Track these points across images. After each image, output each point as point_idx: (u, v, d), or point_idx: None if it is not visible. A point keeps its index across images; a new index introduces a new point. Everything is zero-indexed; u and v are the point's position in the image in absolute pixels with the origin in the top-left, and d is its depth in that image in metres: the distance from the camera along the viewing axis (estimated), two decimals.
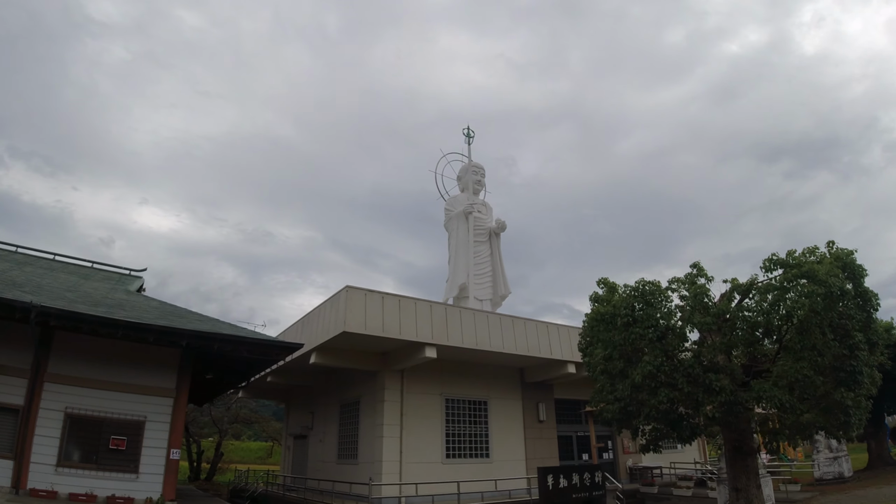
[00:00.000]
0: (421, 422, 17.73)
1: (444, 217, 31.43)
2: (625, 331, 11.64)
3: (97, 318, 11.47)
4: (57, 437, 12.56)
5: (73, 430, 12.76)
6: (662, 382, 11.05)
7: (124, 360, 13.59)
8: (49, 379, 12.75)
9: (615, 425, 13.36)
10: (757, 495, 12.16)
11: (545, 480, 12.74)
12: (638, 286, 11.98)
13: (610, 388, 12.50)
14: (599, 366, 12.56)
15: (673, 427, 11.93)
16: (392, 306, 15.72)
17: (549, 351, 19.16)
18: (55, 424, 12.61)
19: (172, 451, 13.55)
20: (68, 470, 12.48)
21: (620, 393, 11.92)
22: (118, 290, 15.95)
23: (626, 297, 12.02)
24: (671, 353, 11.38)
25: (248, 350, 13.06)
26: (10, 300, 10.96)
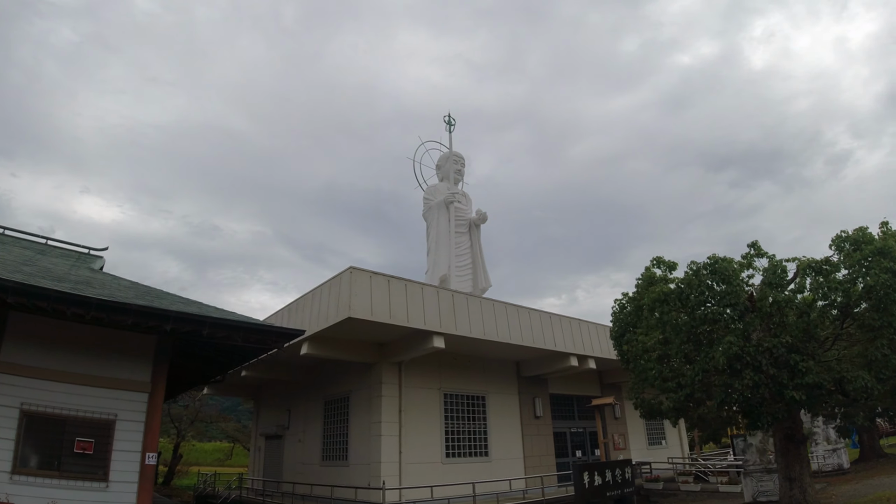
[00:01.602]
0: (420, 418, 16.45)
1: (423, 206, 30.20)
2: (698, 309, 10.89)
3: (65, 295, 9.67)
4: (11, 440, 10.58)
5: (30, 430, 10.81)
6: (747, 364, 10.32)
7: (91, 347, 11.71)
8: (1, 369, 10.77)
9: (671, 416, 12.60)
10: (811, 484, 11.77)
11: (581, 478, 12.05)
12: (711, 263, 11.18)
13: (670, 373, 11.69)
14: (656, 350, 11.80)
15: (747, 414, 11.23)
16: (398, 291, 14.38)
17: (553, 343, 18.29)
18: (9, 424, 10.61)
19: (148, 455, 11.76)
20: (25, 478, 10.53)
21: (688, 378, 11.14)
22: (81, 267, 13.93)
23: (695, 275, 11.22)
24: (750, 334, 10.73)
25: (244, 337, 11.47)
26: None
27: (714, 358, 10.73)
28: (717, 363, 10.61)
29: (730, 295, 10.95)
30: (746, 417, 11.45)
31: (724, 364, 10.53)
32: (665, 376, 11.98)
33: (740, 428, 13.13)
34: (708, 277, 11.28)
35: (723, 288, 11.03)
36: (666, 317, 11.73)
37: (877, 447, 22.74)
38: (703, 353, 11.20)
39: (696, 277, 11.30)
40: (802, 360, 10.23)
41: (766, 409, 10.90)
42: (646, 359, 12.58)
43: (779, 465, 12.53)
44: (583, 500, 12.09)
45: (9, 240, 15.19)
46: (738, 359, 10.45)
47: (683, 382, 11.46)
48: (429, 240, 28.82)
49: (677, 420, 13.45)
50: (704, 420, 12.34)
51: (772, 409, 10.90)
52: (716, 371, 10.96)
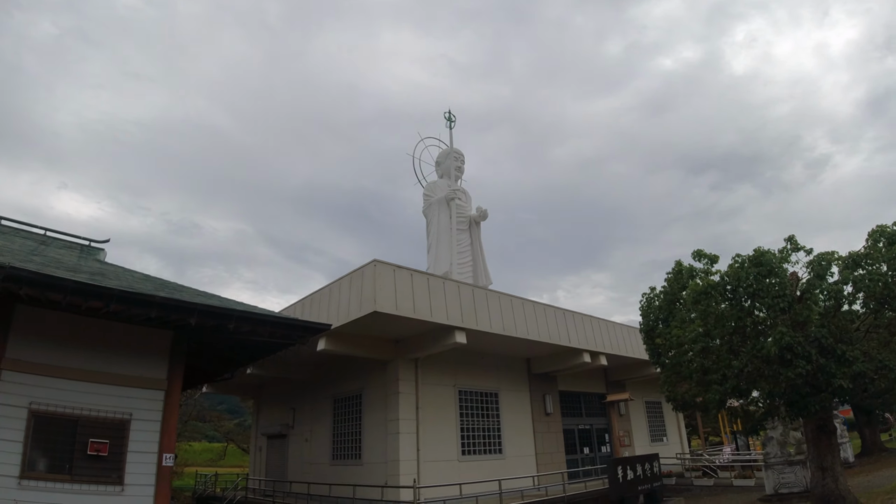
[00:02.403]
0: (436, 416, 15.83)
1: (423, 203, 29.58)
2: (746, 301, 10.75)
3: (85, 287, 8.85)
4: (19, 442, 9.69)
5: (40, 431, 9.93)
6: (798, 354, 10.19)
7: (103, 343, 10.87)
8: (8, 366, 9.84)
9: (712, 409, 12.39)
10: (842, 472, 11.69)
11: (616, 472, 12.06)
12: (756, 256, 11.03)
13: (713, 365, 11.49)
14: (698, 343, 11.58)
15: (792, 403, 11.05)
16: (421, 285, 13.75)
17: (568, 339, 17.85)
18: (17, 425, 9.73)
19: (165, 457, 10.96)
20: (35, 483, 9.66)
21: (735, 369, 11.01)
22: (88, 259, 13.02)
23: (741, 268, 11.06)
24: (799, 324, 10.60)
25: (270, 331, 10.75)
26: None
27: (765, 348, 10.63)
28: (769, 353, 10.50)
29: (778, 286, 10.86)
30: (792, 407, 11.30)
31: (775, 353, 10.43)
32: (708, 368, 11.78)
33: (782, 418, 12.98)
34: (753, 270, 11.11)
35: (771, 280, 10.92)
36: (710, 309, 11.54)
37: (878, 441, 22.86)
38: (750, 345, 11.08)
39: (742, 270, 11.13)
40: (849, 349, 10.22)
41: (813, 398, 10.73)
42: (682, 351, 12.40)
43: (811, 455, 12.44)
44: (617, 494, 12.10)
45: (7, 230, 14.15)
46: (790, 349, 10.35)
47: (729, 374, 11.30)
48: (429, 237, 28.22)
49: (718, 412, 13.33)
50: (747, 412, 12.15)
51: (818, 398, 10.74)
52: (766, 361, 10.83)
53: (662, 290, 13.42)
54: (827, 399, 11.10)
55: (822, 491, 11.88)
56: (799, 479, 15.39)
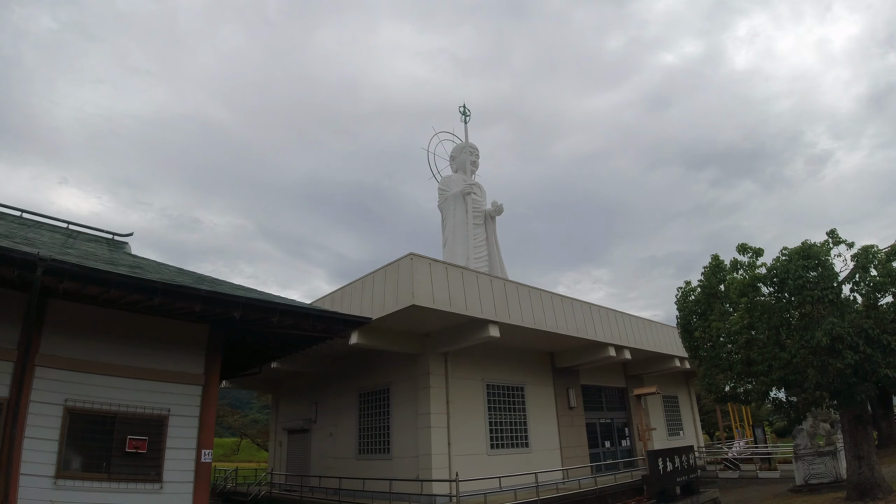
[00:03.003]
0: (465, 410, 15.34)
1: (439, 198, 29.06)
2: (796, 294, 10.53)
3: (130, 280, 8.32)
4: (55, 440, 9.16)
5: (75, 429, 9.39)
6: (847, 344, 10.06)
7: (139, 338, 10.33)
8: (42, 362, 9.31)
9: (755, 400, 12.17)
10: (877, 462, 11.62)
11: (656, 464, 11.83)
12: (804, 249, 10.84)
13: (759, 357, 11.28)
14: (743, 335, 11.33)
15: (837, 393, 10.89)
16: (456, 279, 13.24)
17: (595, 333, 17.39)
18: (52, 423, 9.19)
19: (204, 453, 10.44)
20: (71, 482, 9.13)
21: (782, 361, 10.89)
22: (118, 252, 12.46)
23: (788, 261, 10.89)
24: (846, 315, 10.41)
25: (312, 325, 10.23)
26: (7, 249, 7.66)
27: (815, 338, 10.43)
28: (819, 343, 10.32)
29: (826, 279, 10.71)
30: (837, 396, 11.13)
31: (826, 344, 10.26)
32: (752, 360, 11.56)
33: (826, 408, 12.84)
34: (801, 262, 10.92)
35: (819, 272, 10.76)
36: (755, 301, 11.35)
37: (894, 434, 22.64)
38: (798, 336, 10.86)
39: (790, 263, 10.90)
40: (894, 340, 10.18)
41: (859, 387, 10.56)
42: (721, 344, 12.20)
43: (847, 445, 12.35)
44: (658, 486, 11.96)
45: (30, 223, 13.56)
46: (840, 339, 10.18)
47: (775, 365, 11.13)
48: (445, 231, 27.70)
49: (760, 404, 13.07)
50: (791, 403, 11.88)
51: (863, 387, 10.54)
52: (813, 352, 10.65)
53: (699, 283, 13.22)
54: (871, 389, 10.97)
55: (857, 479, 11.94)
56: (829, 469, 15.12)
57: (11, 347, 9.11)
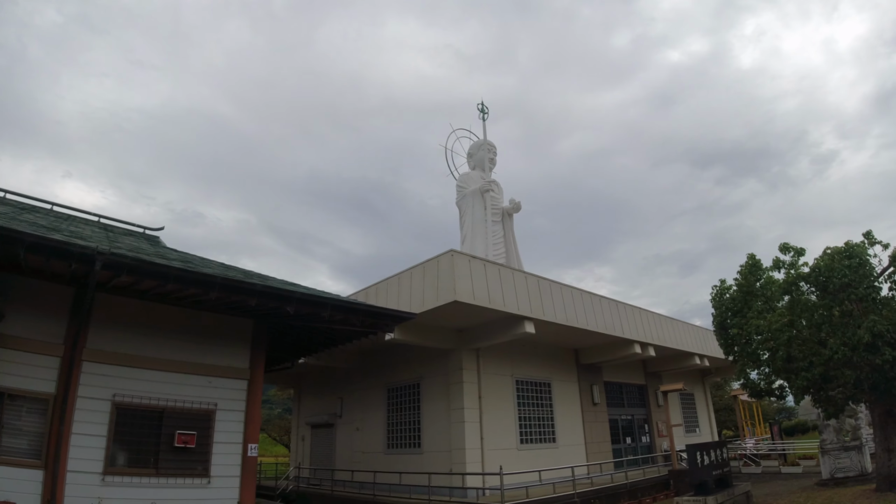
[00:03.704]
0: (496, 405, 14.98)
1: (457, 195, 28.63)
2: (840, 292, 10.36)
3: (188, 275, 7.96)
4: (103, 436, 8.80)
5: (123, 424, 9.03)
6: (887, 342, 9.99)
7: (185, 333, 9.98)
8: (89, 357, 8.95)
9: (796, 395, 11.99)
10: None
11: (695, 457, 11.73)
12: (847, 249, 10.75)
13: (800, 353, 11.13)
14: (785, 332, 11.13)
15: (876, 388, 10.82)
16: (493, 275, 12.88)
17: (622, 330, 17.06)
18: (100, 418, 8.83)
19: (250, 447, 10.09)
20: (119, 479, 8.77)
21: (824, 357, 10.74)
22: (158, 246, 12.09)
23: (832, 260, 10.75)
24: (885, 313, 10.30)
25: (361, 320, 9.90)
26: (65, 243, 7.29)
27: (856, 335, 10.34)
28: (861, 340, 10.22)
29: (868, 278, 10.67)
30: (875, 391, 11.05)
31: (868, 341, 10.16)
32: (793, 356, 11.36)
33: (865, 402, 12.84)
34: (845, 262, 10.81)
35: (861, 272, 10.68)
36: (798, 299, 11.20)
37: None
38: (839, 333, 10.71)
39: (834, 262, 10.77)
40: None
41: None
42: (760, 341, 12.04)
43: (878, 439, 12.26)
44: (697, 478, 11.84)
45: (61, 216, 13.15)
46: (880, 336, 10.09)
47: (817, 361, 10.99)
48: (463, 228, 27.29)
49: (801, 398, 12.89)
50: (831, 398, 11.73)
51: None
52: (854, 348, 10.54)
53: (735, 282, 13.07)
54: None
55: (888, 471, 11.93)
56: (854, 463, 14.97)
57: (58, 342, 8.76)
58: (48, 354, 8.63)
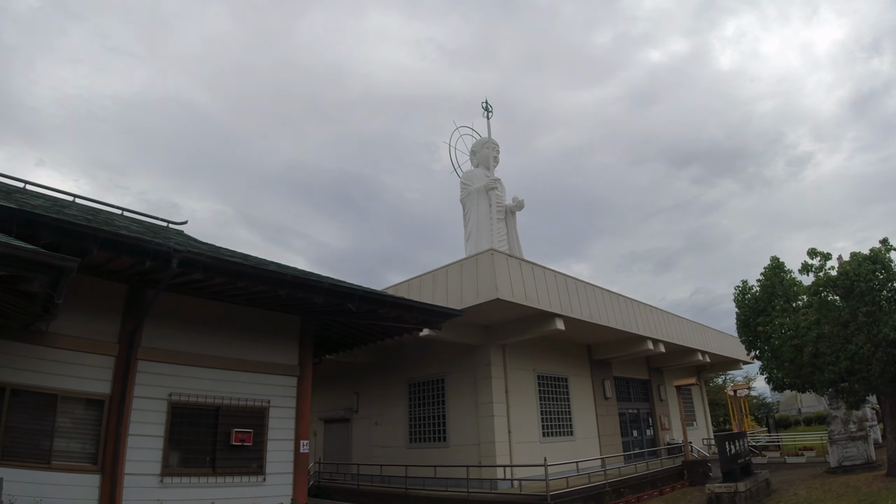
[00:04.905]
0: (520, 399, 14.91)
1: (461, 192, 28.45)
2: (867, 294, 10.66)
3: (261, 273, 7.68)
4: (160, 436, 8.43)
5: (179, 424, 8.67)
6: None
7: (235, 329, 9.67)
8: (144, 355, 8.58)
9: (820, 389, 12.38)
10: None
11: (724, 447, 12.10)
12: (873, 254, 11.13)
13: (827, 349, 11.44)
14: (813, 330, 11.43)
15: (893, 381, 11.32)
16: (528, 273, 12.82)
17: (637, 327, 17.25)
18: (156, 418, 8.46)
19: (302, 443, 9.85)
20: (177, 479, 8.41)
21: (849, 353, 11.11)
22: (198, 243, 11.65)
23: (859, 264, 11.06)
24: None
25: (414, 316, 9.73)
26: (141, 239, 6.96)
27: (881, 333, 10.73)
28: (886, 337, 10.64)
29: (892, 281, 11.11)
30: (893, 384, 11.46)
31: (892, 338, 10.57)
32: (820, 352, 11.67)
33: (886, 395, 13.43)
34: (870, 266, 11.20)
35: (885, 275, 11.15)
36: (827, 300, 11.54)
37: None
38: (865, 330, 11.04)
39: (861, 266, 11.14)
40: None
41: None
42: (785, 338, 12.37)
43: (888, 427, 12.61)
44: (726, 466, 12.27)
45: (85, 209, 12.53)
46: None
47: (843, 356, 11.31)
48: (468, 225, 27.06)
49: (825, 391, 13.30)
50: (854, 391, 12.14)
51: None
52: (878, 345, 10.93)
53: (758, 282, 13.40)
54: None
55: None
56: (860, 452, 15.36)
57: (112, 341, 8.36)
58: (103, 354, 8.23)
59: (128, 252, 6.81)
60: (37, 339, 7.77)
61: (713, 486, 11.88)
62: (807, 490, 13.15)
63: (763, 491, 12.94)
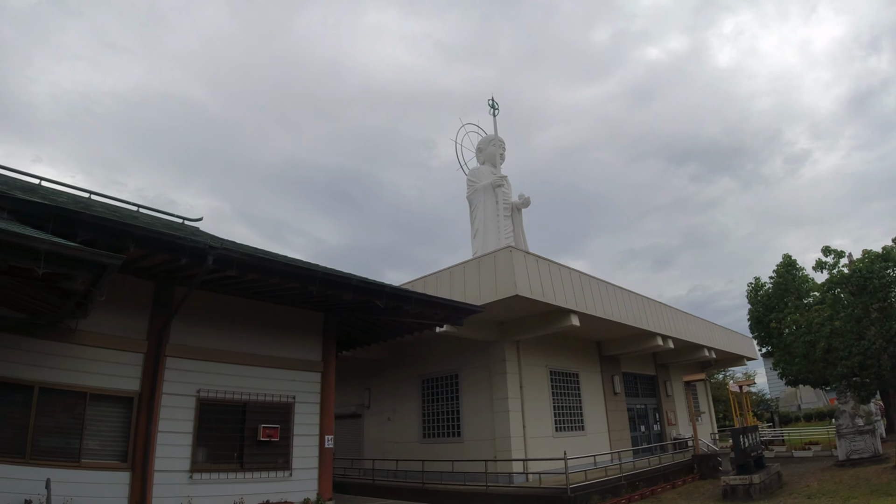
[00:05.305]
0: (534, 395, 14.93)
1: (468, 189, 28.39)
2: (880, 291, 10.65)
3: (293, 269, 7.67)
4: (189, 433, 8.41)
5: (207, 420, 8.65)
6: None
7: (260, 326, 9.65)
8: (173, 352, 8.56)
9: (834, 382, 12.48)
10: None
11: (739, 440, 12.18)
12: (886, 252, 11.18)
13: (840, 344, 11.57)
14: (826, 326, 11.46)
15: None
16: (545, 270, 12.82)
17: (648, 323, 17.28)
18: (185, 415, 8.44)
19: (326, 439, 9.84)
20: (206, 476, 8.39)
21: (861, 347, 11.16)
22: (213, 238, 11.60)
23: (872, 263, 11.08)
24: None
25: (438, 313, 9.72)
26: (177, 237, 6.92)
27: (893, 329, 10.76)
28: None
29: None
30: None
31: None
32: (833, 347, 11.75)
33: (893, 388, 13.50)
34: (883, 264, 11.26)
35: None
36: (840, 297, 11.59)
37: None
38: (877, 326, 11.09)
39: (873, 265, 11.20)
40: None
41: None
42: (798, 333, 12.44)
43: None
44: (741, 459, 12.43)
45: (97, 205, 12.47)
46: None
47: (855, 351, 11.36)
48: (475, 222, 27.01)
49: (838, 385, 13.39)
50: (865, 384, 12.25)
51: None
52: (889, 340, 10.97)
53: (770, 279, 13.45)
54: None
55: None
56: (868, 445, 15.46)
57: (141, 338, 8.34)
58: (131, 351, 8.19)
59: (164, 249, 6.78)
60: (65, 336, 7.72)
61: (728, 479, 11.96)
62: (818, 482, 13.27)
63: (775, 483, 13.04)
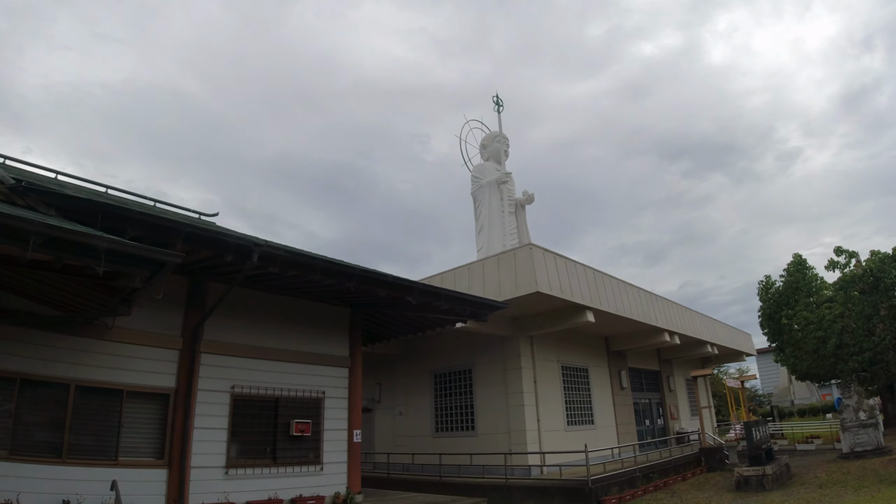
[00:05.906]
0: (547, 389, 15.05)
1: (472, 185, 28.39)
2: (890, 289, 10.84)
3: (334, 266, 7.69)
4: (224, 429, 8.40)
5: (242, 416, 8.66)
6: None
7: (290, 321, 9.66)
8: (206, 348, 8.54)
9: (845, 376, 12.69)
10: None
11: (751, 433, 12.48)
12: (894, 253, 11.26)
13: (851, 340, 11.78)
14: (838, 323, 11.68)
15: None
16: (562, 267, 12.92)
17: (656, 319, 17.45)
18: (220, 411, 8.43)
19: (355, 433, 9.88)
20: (242, 471, 8.40)
21: (872, 343, 11.48)
22: None
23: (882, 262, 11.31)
24: None
25: (466, 309, 9.79)
26: (223, 234, 6.94)
27: None
28: None
29: None
30: None
31: None
32: (845, 343, 11.99)
33: None
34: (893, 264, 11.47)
35: None
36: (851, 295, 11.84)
37: None
38: (887, 323, 11.34)
39: (885, 264, 11.41)
40: None
41: None
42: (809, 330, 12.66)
43: None
44: (753, 451, 12.73)
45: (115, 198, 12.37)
46: None
47: (866, 346, 11.58)
48: (479, 219, 27.04)
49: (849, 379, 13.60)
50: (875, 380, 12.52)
51: None
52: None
53: (781, 277, 13.66)
54: None
55: None
56: (871, 438, 15.74)
57: (175, 335, 8.33)
58: (167, 347, 8.17)
59: (209, 246, 6.77)
60: (101, 333, 7.67)
61: (742, 470, 12.16)
62: (826, 473, 13.54)
63: (785, 474, 13.28)
